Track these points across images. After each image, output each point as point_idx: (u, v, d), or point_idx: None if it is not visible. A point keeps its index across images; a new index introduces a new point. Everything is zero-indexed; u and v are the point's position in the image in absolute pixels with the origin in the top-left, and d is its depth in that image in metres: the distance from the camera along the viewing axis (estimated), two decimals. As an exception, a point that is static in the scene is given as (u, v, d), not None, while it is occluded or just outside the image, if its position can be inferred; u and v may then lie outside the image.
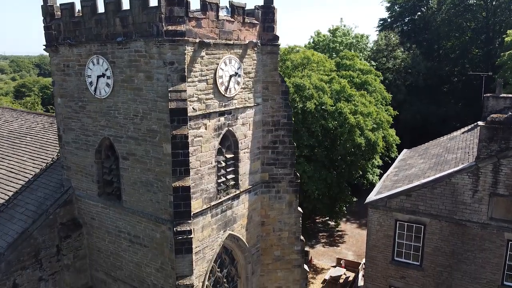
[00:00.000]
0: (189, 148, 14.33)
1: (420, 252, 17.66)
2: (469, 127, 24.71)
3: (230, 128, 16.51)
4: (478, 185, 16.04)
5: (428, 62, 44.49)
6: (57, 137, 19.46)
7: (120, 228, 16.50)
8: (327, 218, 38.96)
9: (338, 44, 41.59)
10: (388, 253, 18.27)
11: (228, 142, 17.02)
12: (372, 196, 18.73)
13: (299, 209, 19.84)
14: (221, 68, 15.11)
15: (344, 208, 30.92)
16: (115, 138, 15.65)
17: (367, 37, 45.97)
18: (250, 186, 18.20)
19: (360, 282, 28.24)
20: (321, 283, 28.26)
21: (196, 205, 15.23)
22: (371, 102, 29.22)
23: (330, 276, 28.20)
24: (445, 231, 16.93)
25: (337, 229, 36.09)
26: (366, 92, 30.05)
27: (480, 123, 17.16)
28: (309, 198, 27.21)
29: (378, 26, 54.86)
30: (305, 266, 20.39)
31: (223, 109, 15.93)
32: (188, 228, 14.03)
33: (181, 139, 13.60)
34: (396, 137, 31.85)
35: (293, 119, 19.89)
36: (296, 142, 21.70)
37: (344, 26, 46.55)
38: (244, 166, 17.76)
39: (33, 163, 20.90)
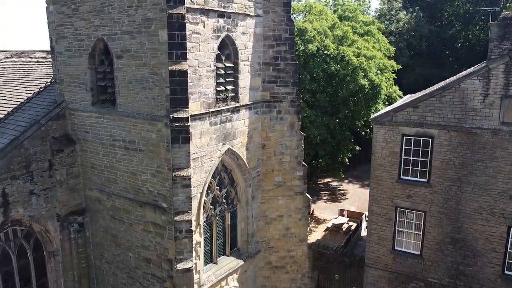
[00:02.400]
0: (187, 43, 13.69)
1: (427, 168, 16.93)
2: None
3: (230, 34, 15.85)
4: (489, 88, 15.32)
5: (431, 25, 43.75)
6: (51, 68, 18.77)
7: (115, 137, 15.80)
8: (329, 180, 38.42)
9: (340, 6, 40.84)
10: (394, 171, 17.54)
11: (228, 51, 16.35)
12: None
13: (301, 132, 19.21)
14: (221, -38, 14.42)
15: (347, 159, 30.18)
16: (109, 37, 14.96)
17: (369, 1, 45.28)
18: (251, 103, 17.53)
19: (363, 233, 27.57)
20: (323, 231, 27.55)
21: (194, 107, 14.58)
22: (374, 47, 28.52)
23: (333, 224, 27.51)
24: (454, 142, 16.21)
25: (339, 188, 35.39)
26: (369, 37, 29.35)
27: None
28: (311, 143, 26.48)
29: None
30: (307, 194, 19.74)
31: (222, 10, 15.28)
32: (186, 116, 13.35)
33: (177, 19, 12.91)
34: (400, 92, 31.13)
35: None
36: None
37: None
38: (244, 79, 17.08)
39: (25, 90, 20.22)
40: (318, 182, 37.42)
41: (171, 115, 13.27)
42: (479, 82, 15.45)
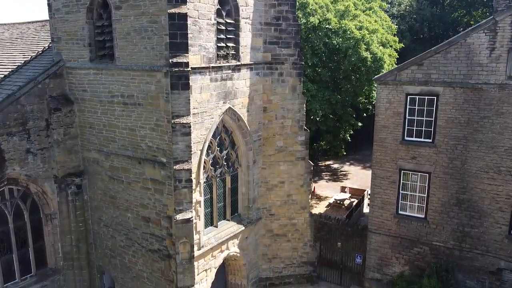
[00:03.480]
0: (186, -7, 13.36)
1: (432, 128, 16.58)
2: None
3: (230, -13, 15.52)
4: (496, 42, 14.98)
5: (433, 9, 43.36)
6: (49, 35, 18.37)
7: (113, 92, 15.47)
8: (330, 162, 38.11)
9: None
10: (398, 132, 17.20)
11: (228, 7, 16.05)
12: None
13: (303, 96, 18.90)
14: None
15: (348, 136, 29.83)
16: (107, -13, 14.63)
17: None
18: (252, 63, 17.23)
19: (365, 209, 27.21)
20: (325, 207, 27.21)
21: (194, 60, 14.28)
22: (376, 21, 28.17)
23: (335, 199, 27.17)
24: (459, 99, 15.87)
25: (340, 170, 35.05)
26: (371, 12, 29.00)
27: None
28: (313, 118, 26.12)
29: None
30: (309, 160, 19.40)
31: (222, -39, 14.98)
32: (185, 61, 13.02)
33: (177, -41, 12.54)
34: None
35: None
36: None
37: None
38: (245, 38, 16.78)
39: (23, 56, 19.88)
40: (320, 164, 37.06)
41: (170, 60, 12.95)
42: (485, 35, 15.12)
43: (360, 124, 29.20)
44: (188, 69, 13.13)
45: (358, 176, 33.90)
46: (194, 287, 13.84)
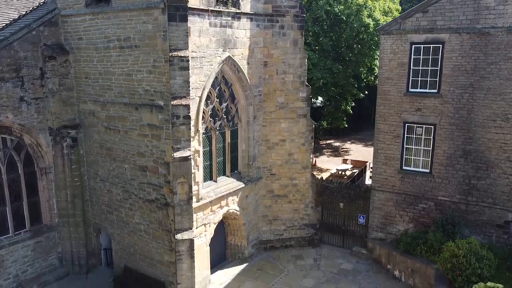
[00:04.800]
0: None
1: (437, 77, 16.13)
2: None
3: None
4: (504, -17, 14.53)
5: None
6: None
7: (110, 37, 15.03)
8: (331, 141, 37.68)
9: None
10: (402, 84, 16.73)
11: (227, -49, 15.60)
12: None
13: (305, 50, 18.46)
14: None
15: (349, 107, 29.38)
16: None
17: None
18: (252, 13, 16.82)
19: (367, 181, 26.76)
20: (327, 177, 26.70)
21: (192, 0, 13.80)
22: (378, -11, 27.74)
23: (336, 169, 26.71)
24: (465, 46, 15.41)
25: (342, 147, 34.60)
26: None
27: None
28: (314, 87, 25.67)
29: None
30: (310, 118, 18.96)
31: None
32: (183, -10, 12.53)
33: None
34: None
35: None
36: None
37: None
38: (246, -14, 16.32)
39: (18, 13, 19.38)
40: (321, 143, 36.63)
41: (168, -12, 12.48)
42: (493, -23, 14.67)
43: (362, 95, 28.75)
44: (186, 0, 12.67)
45: (360, 153, 33.47)
46: (192, 229, 13.29)
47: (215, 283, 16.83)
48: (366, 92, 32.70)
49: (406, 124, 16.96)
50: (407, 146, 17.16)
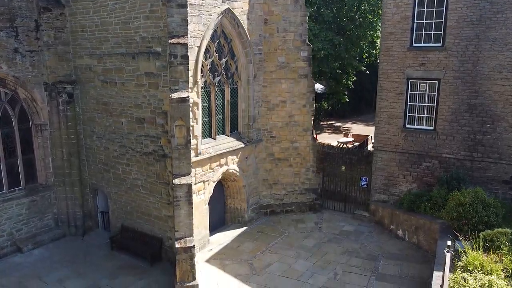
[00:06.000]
0: None
1: (441, 30, 15.75)
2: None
3: None
4: None
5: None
6: None
7: (106, -15, 14.64)
8: (332, 122, 37.31)
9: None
10: (406, 39, 16.35)
11: None
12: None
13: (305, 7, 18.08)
14: None
15: (351, 82, 28.99)
16: None
17: None
18: (253, -34, 16.40)
19: (369, 155, 26.34)
20: (328, 150, 26.32)
21: None
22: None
23: (338, 141, 26.33)
24: (471, -5, 15.04)
25: (343, 127, 34.22)
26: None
27: None
28: (315, 58, 25.27)
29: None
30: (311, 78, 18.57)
31: None
32: None
33: None
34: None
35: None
36: None
37: None
38: None
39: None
40: (322, 123, 36.26)
41: None
42: None
43: (364, 68, 28.37)
44: None
45: (361, 131, 33.06)
46: (191, 174, 12.86)
47: (214, 243, 16.45)
48: (367, 72, 32.33)
49: (410, 80, 16.57)
50: (411, 103, 16.77)
